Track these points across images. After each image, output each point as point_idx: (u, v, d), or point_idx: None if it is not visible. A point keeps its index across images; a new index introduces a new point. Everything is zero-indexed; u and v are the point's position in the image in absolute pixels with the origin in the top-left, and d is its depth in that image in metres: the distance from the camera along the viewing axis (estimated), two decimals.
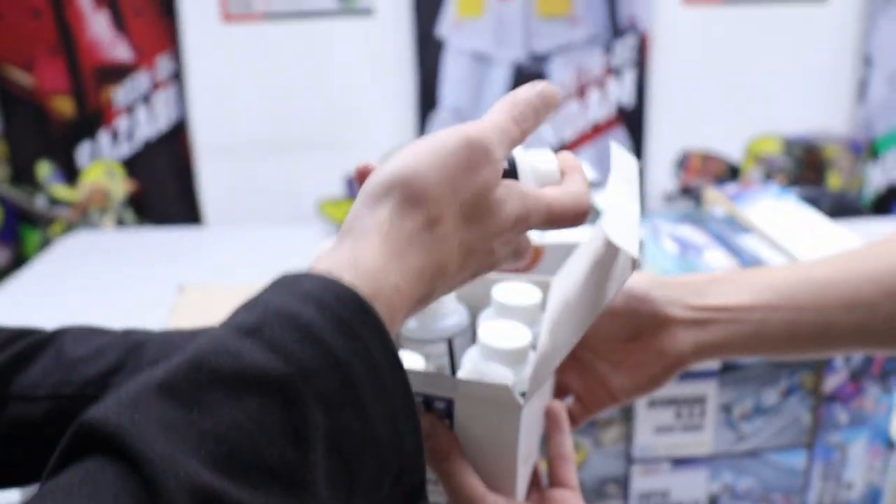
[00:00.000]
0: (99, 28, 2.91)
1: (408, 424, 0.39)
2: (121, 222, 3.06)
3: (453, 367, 0.61)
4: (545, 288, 0.61)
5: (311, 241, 2.00)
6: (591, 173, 0.83)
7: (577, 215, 0.47)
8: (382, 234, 0.41)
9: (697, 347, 0.57)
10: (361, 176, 0.46)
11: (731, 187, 1.19)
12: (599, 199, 0.95)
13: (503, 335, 0.54)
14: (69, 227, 3.03)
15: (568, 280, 0.54)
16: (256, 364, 0.34)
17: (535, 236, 0.88)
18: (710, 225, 1.08)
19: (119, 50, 2.92)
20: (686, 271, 0.94)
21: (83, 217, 3.03)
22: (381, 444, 0.38)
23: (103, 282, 1.77)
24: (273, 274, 0.41)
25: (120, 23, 2.90)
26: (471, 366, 0.55)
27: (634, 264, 0.49)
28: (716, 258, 0.97)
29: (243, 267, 1.78)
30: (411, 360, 0.57)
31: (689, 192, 2.69)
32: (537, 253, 0.88)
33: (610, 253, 0.51)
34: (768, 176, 2.82)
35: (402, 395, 0.39)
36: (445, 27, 2.82)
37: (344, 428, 0.36)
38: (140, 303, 1.53)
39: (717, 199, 1.17)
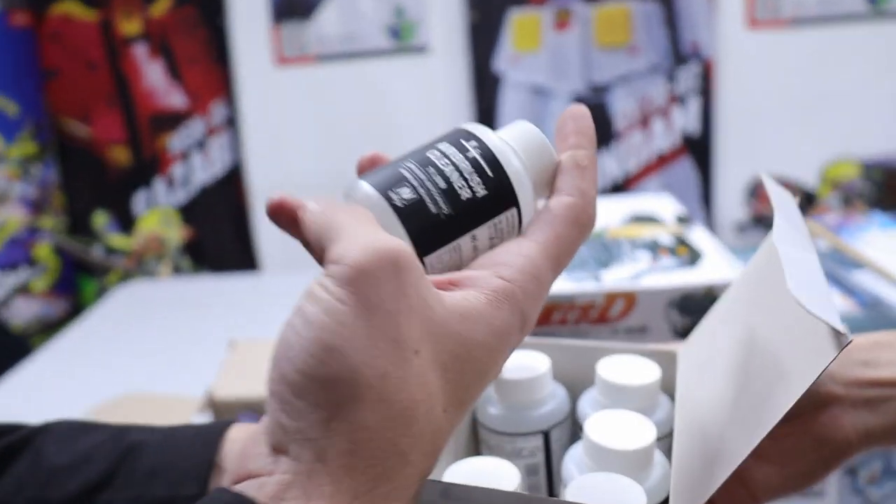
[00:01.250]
0: (154, 77, 2.90)
1: None
2: (177, 269, 3.02)
3: (549, 470, 0.50)
4: (666, 360, 0.50)
5: None
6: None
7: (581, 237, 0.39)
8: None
9: (867, 434, 0.45)
10: (280, 209, 0.41)
11: (831, 217, 1.09)
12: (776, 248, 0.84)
13: (618, 430, 0.43)
14: (126, 276, 3.01)
15: (711, 352, 0.42)
16: None
17: (628, 282, 0.78)
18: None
19: (174, 97, 2.91)
20: None
21: (139, 265, 3.00)
22: None
23: (157, 332, 1.73)
24: None
25: (175, 71, 2.88)
26: (578, 473, 0.44)
27: (841, 339, 0.36)
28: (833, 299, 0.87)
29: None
30: (495, 467, 0.44)
31: (762, 221, 2.56)
32: (629, 301, 0.78)
33: (804, 325, 0.39)
34: (846, 201, 2.68)
35: None
36: (502, 61, 2.75)
37: None
38: (193, 353, 1.48)
39: (817, 231, 1.06)
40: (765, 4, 2.68)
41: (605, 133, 2.76)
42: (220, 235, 3.01)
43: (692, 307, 0.77)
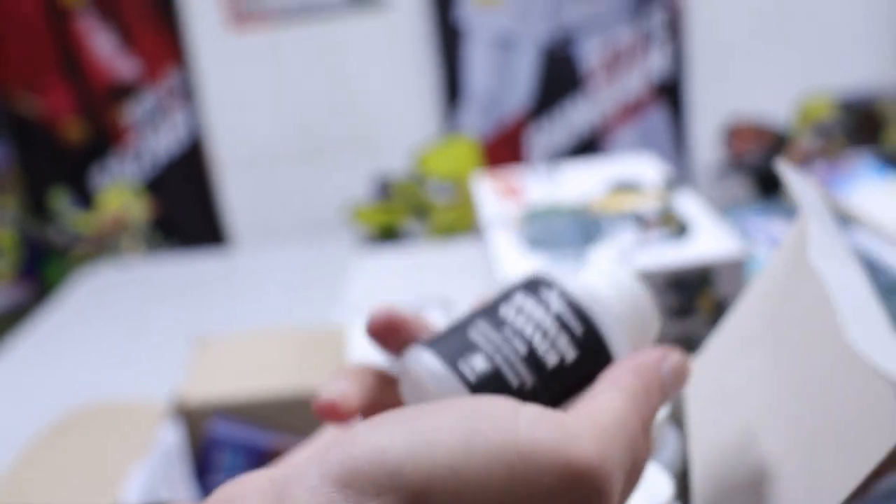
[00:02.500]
0: (101, 44, 2.79)
1: None
2: (145, 246, 2.94)
3: None
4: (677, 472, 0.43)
5: (335, 257, 1.88)
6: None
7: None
8: None
9: None
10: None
11: (819, 169, 1.03)
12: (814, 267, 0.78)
13: None
14: (91, 256, 2.93)
15: (736, 382, 0.36)
16: None
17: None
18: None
19: (125, 66, 2.80)
20: None
21: (105, 243, 2.92)
22: None
23: (121, 324, 1.67)
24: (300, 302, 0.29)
25: (124, 36, 2.78)
26: None
27: None
28: None
29: (270, 297, 1.68)
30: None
31: (739, 164, 2.52)
32: None
33: (870, 384, 0.30)
34: (823, 136, 2.63)
35: None
36: (464, 12, 2.66)
37: None
38: (162, 347, 1.43)
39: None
40: None
41: (575, 81, 2.70)
42: (186, 208, 2.93)
43: (686, 286, 0.71)
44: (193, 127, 2.84)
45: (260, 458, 0.89)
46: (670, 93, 2.70)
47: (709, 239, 0.75)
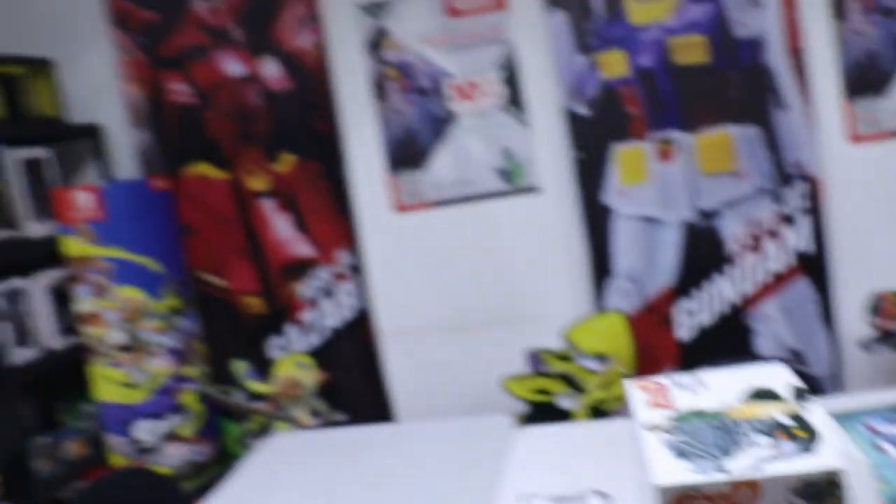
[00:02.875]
0: (282, 229, 3.11)
1: None
2: (314, 412, 3.17)
3: None
4: None
5: (492, 430, 2.01)
6: None
7: None
8: None
9: None
10: None
11: None
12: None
13: None
14: (266, 420, 3.17)
15: None
16: None
17: (751, 470, 0.85)
18: None
19: (301, 247, 3.11)
20: None
21: (278, 409, 3.16)
22: None
23: (303, 486, 1.83)
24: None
25: (300, 222, 3.09)
26: None
27: None
28: None
29: (432, 468, 1.81)
30: None
31: (888, 338, 2.55)
32: (754, 489, 0.84)
33: None
34: None
35: None
36: (611, 196, 2.86)
37: None
38: None
39: None
40: (865, 118, 2.72)
41: (718, 258, 2.82)
42: (351, 377, 3.15)
43: (814, 492, 0.83)
44: (359, 301, 3.09)
45: None
46: (813, 266, 2.78)
47: (834, 449, 0.86)
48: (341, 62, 2.99)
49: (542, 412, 2.76)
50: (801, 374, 1.92)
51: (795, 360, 2.79)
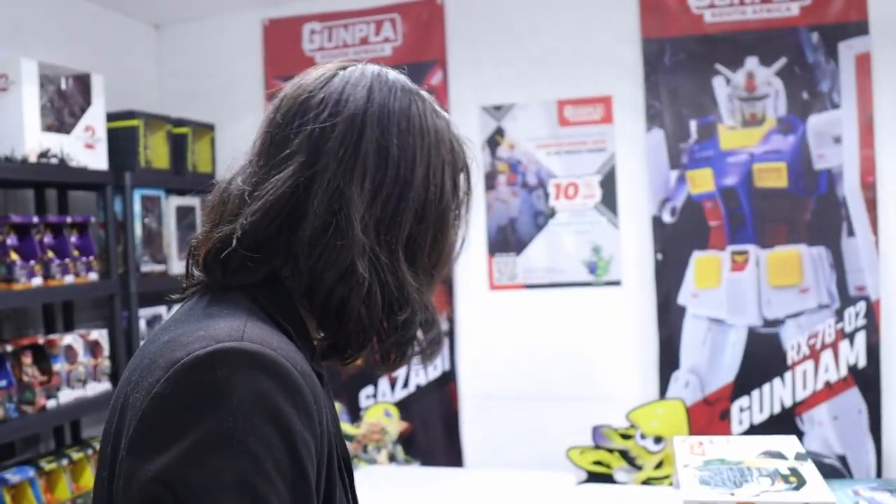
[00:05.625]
0: None
1: None
2: (392, 457, 3.50)
3: None
4: None
5: (557, 485, 2.30)
6: None
7: None
8: None
9: None
10: None
11: None
12: None
13: None
14: (352, 459, 3.52)
15: None
16: None
17: (752, 497, 1.17)
18: None
19: None
20: None
21: (362, 450, 3.51)
22: None
23: None
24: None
25: None
26: None
27: None
28: None
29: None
30: None
31: None
32: None
33: None
34: None
35: None
36: (684, 296, 3.17)
37: None
38: None
39: None
40: None
41: (777, 362, 3.09)
42: (430, 430, 3.48)
43: None
44: (447, 363, 3.44)
45: None
46: (865, 380, 3.03)
47: (814, 490, 1.18)
48: None
49: (599, 483, 3.04)
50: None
51: (841, 465, 3.03)
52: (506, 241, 3.36)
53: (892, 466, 2.99)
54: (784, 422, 3.05)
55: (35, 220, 2.65)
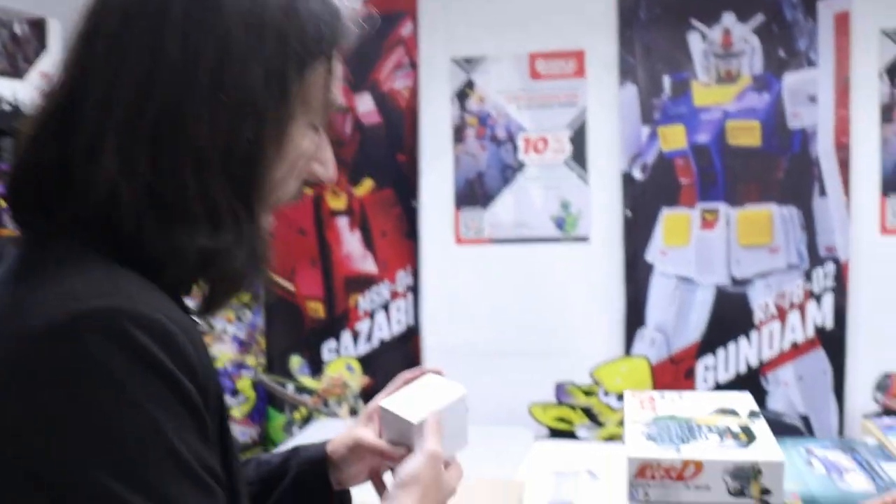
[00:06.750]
0: (352, 245, 3.43)
1: None
2: (353, 412, 3.46)
3: None
4: None
5: (518, 441, 2.25)
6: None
7: None
8: None
9: None
10: None
11: (887, 421, 1.38)
12: None
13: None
14: (310, 413, 3.47)
15: None
16: None
17: (699, 454, 1.12)
18: (860, 452, 1.28)
19: (366, 264, 3.42)
20: (827, 490, 1.15)
21: (323, 404, 3.46)
22: None
23: None
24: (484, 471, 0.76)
25: (369, 242, 3.41)
26: None
27: None
28: (856, 481, 1.18)
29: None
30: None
31: (892, 415, 2.76)
32: (698, 467, 1.11)
33: None
34: None
35: None
36: (653, 253, 3.12)
37: None
38: None
39: (871, 430, 1.36)
40: None
41: (745, 322, 3.06)
42: None
43: (743, 476, 1.10)
44: (410, 318, 3.39)
45: None
46: (831, 342, 3.01)
47: (763, 448, 1.13)
48: (429, 106, 3.31)
49: (560, 439, 3.01)
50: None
51: (804, 425, 3.01)
52: (473, 194, 3.29)
53: (854, 427, 2.97)
54: (749, 381, 3.03)
55: None
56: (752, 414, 1.28)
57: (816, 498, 1.12)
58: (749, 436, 1.18)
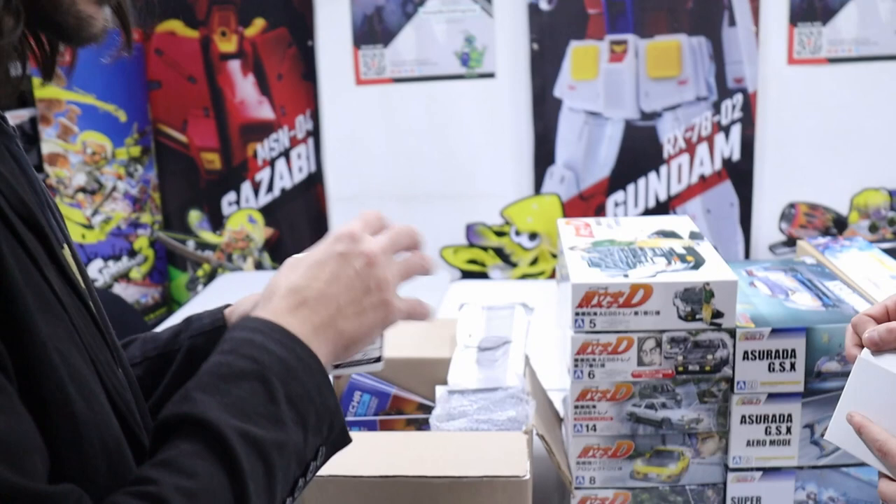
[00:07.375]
0: (246, 91, 3.23)
1: (326, 390, 0.69)
2: (259, 265, 3.35)
3: None
4: None
5: (432, 285, 2.20)
6: None
7: None
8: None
9: None
10: None
11: (822, 240, 1.35)
12: None
13: None
14: (214, 269, 3.34)
15: None
16: (241, 366, 0.65)
17: (647, 278, 1.06)
18: (801, 272, 1.25)
19: (263, 110, 3.24)
20: (775, 310, 1.11)
21: (227, 259, 3.34)
22: (314, 400, 0.67)
23: None
24: None
25: (265, 86, 3.21)
26: None
27: None
28: (802, 299, 1.14)
29: None
30: None
31: (795, 243, 2.81)
32: (647, 291, 1.05)
33: None
34: (874, 227, 2.91)
35: (321, 373, 0.69)
36: (561, 88, 3.03)
37: (292, 391, 0.66)
38: None
39: (807, 250, 1.33)
40: (804, 44, 2.92)
41: (654, 156, 3.03)
42: (299, 235, 3.33)
43: (693, 298, 1.05)
44: (313, 165, 3.25)
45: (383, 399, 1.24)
46: (739, 174, 3.01)
47: (713, 269, 1.08)
48: None
49: (474, 280, 2.98)
50: None
51: None
52: (372, 31, 3.10)
53: (758, 255, 3.02)
54: (658, 215, 3.02)
55: None
56: (694, 235, 1.22)
57: (766, 317, 1.08)
58: (696, 257, 1.12)
